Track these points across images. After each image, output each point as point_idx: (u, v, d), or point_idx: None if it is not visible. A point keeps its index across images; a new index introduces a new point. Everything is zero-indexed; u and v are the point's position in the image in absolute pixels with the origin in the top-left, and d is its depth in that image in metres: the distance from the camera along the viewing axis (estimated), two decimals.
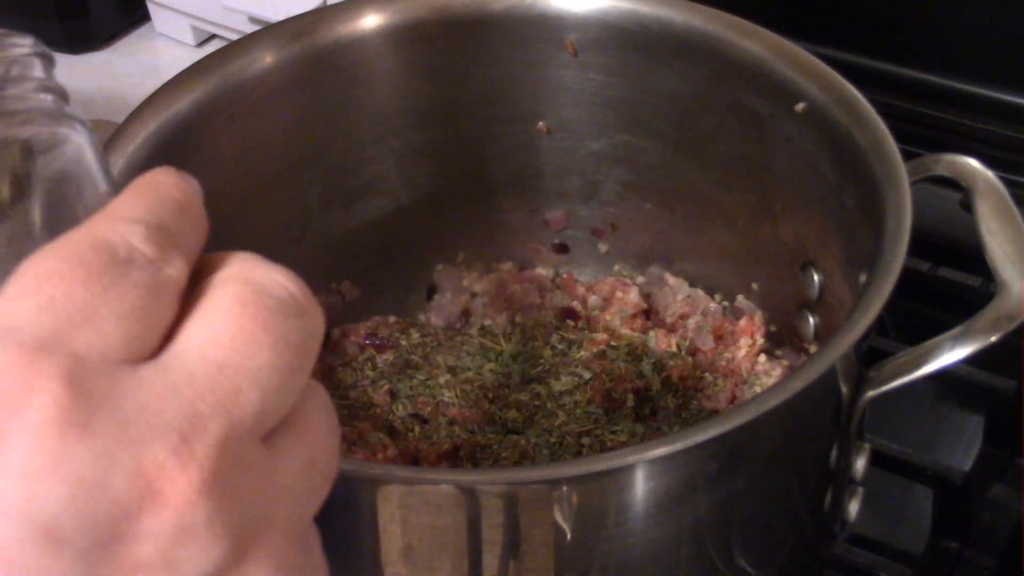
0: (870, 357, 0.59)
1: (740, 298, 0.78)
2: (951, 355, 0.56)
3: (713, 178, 0.76)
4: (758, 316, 0.76)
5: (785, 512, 0.60)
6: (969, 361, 0.56)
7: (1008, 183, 0.61)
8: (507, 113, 0.79)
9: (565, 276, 0.84)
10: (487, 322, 0.81)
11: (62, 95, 0.39)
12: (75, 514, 0.30)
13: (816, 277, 0.70)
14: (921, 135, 0.95)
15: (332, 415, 0.37)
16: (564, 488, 0.51)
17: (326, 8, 0.75)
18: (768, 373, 0.74)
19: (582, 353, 0.76)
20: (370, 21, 0.75)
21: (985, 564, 0.72)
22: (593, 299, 0.81)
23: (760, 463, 0.56)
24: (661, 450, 0.51)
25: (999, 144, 0.96)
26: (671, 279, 0.81)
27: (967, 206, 0.60)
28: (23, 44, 0.39)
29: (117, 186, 0.60)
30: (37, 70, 0.39)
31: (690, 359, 0.76)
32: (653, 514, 0.53)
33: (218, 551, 0.31)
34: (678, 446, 0.51)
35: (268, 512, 0.33)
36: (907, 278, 0.57)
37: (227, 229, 0.73)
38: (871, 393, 0.58)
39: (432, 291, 0.83)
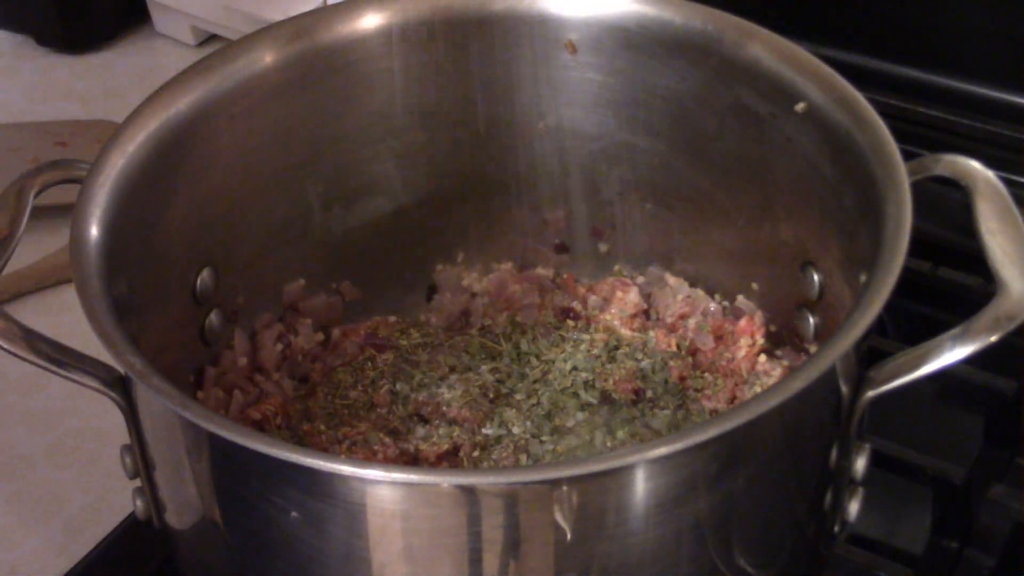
0: (870, 357, 0.59)
1: (740, 298, 0.78)
2: (951, 355, 0.56)
3: (713, 178, 0.76)
4: (758, 316, 0.76)
5: (785, 512, 0.60)
6: (969, 361, 0.56)
7: (1008, 183, 0.61)
8: (507, 113, 0.79)
9: (565, 276, 0.84)
10: (487, 322, 0.81)
11: None
12: None
13: (816, 277, 0.70)
14: (921, 135, 0.95)
15: None
16: (564, 488, 0.51)
17: (326, 8, 0.75)
18: (768, 373, 0.74)
19: (582, 353, 0.76)
20: (370, 21, 0.75)
21: (985, 564, 0.72)
22: (593, 299, 0.81)
23: (760, 463, 0.56)
24: (661, 450, 0.51)
25: (999, 144, 0.96)
26: (671, 279, 0.81)
27: (967, 206, 0.60)
28: None
29: (118, 186, 0.60)
30: None
31: (690, 359, 0.76)
32: (653, 514, 0.53)
33: None
34: (678, 446, 0.51)
35: None
36: (907, 278, 0.57)
37: (227, 229, 0.74)
38: (871, 393, 0.58)
39: (432, 291, 0.83)
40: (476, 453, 0.71)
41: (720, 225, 0.77)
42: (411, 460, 0.71)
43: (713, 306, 0.79)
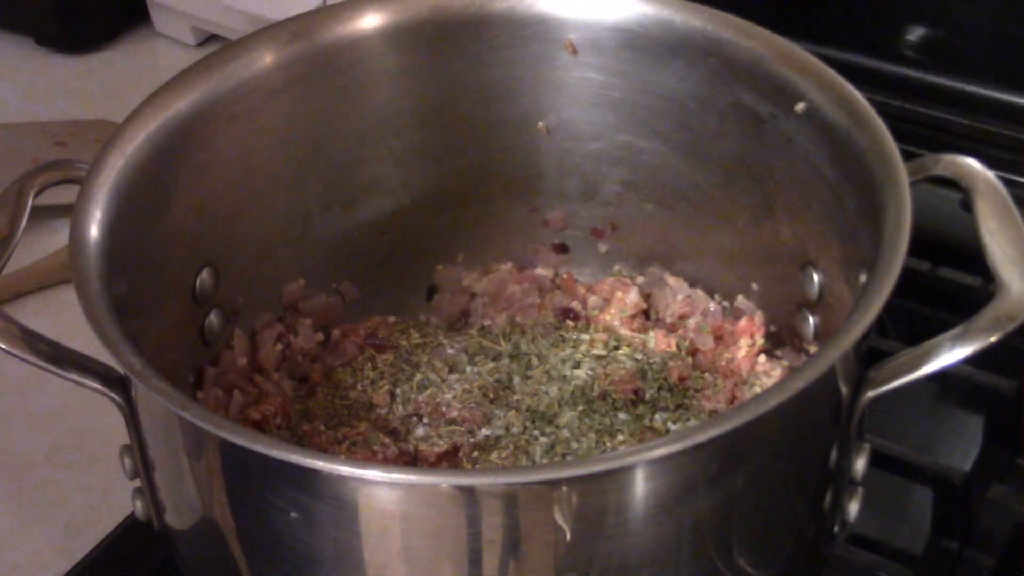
0: (870, 357, 0.59)
1: (740, 298, 0.78)
2: (951, 355, 0.56)
3: (713, 178, 0.76)
4: (758, 316, 0.76)
5: (785, 512, 0.60)
6: (969, 361, 0.56)
7: (1008, 183, 0.61)
8: (507, 113, 0.79)
9: (565, 276, 0.84)
10: (487, 322, 0.81)
11: None
12: None
13: (816, 277, 0.70)
14: (921, 135, 0.95)
15: None
16: (564, 488, 0.51)
17: (326, 8, 0.75)
18: (768, 373, 0.74)
19: (581, 353, 0.76)
20: (370, 21, 0.75)
21: (985, 564, 0.72)
22: (593, 299, 0.81)
23: (760, 463, 0.56)
24: (661, 450, 0.52)
25: (999, 144, 0.96)
26: (671, 279, 0.81)
27: (967, 206, 0.60)
28: None
29: (117, 186, 0.60)
30: None
31: (690, 359, 0.76)
32: (653, 514, 0.53)
33: None
34: (678, 446, 0.51)
35: None
36: (907, 278, 0.57)
37: (227, 230, 0.74)
38: (871, 393, 0.58)
39: (432, 291, 0.83)
40: (476, 453, 0.71)
41: (720, 225, 0.77)
42: (411, 460, 0.71)
43: (713, 306, 0.79)
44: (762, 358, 0.75)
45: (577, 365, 0.75)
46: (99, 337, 0.56)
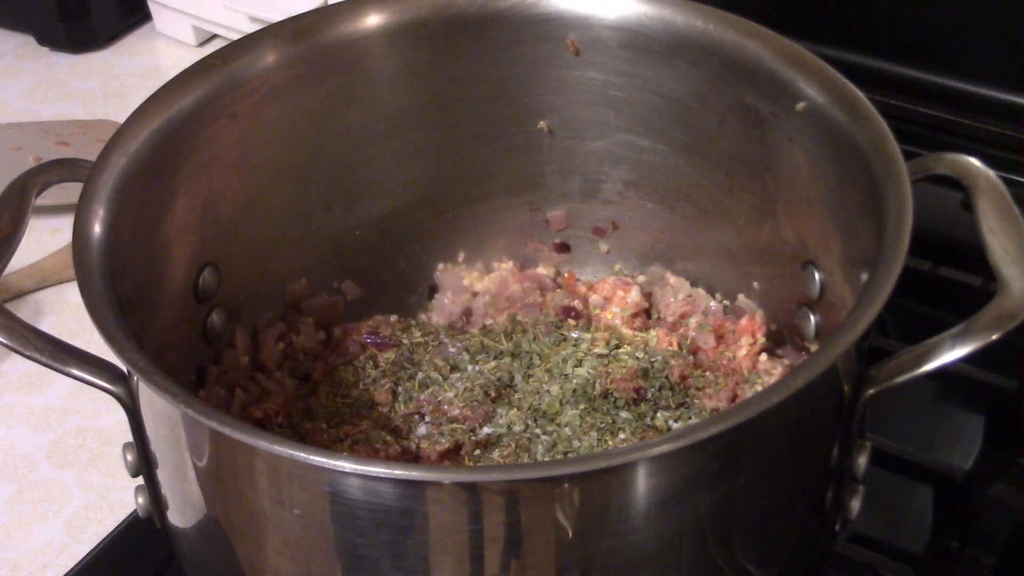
0: (871, 356, 0.59)
1: (741, 297, 0.78)
2: (952, 353, 0.56)
3: (714, 177, 0.76)
4: (759, 315, 0.76)
5: (786, 510, 0.60)
6: (970, 360, 0.56)
7: (1008, 183, 0.61)
8: (508, 112, 0.79)
9: (566, 275, 0.84)
10: (488, 321, 0.81)
11: None
12: None
13: (817, 276, 0.70)
14: (921, 135, 0.95)
15: None
16: (566, 486, 0.51)
17: (328, 7, 0.75)
18: (769, 372, 0.74)
19: (583, 352, 0.76)
20: (372, 20, 0.75)
21: (986, 563, 0.72)
22: (594, 298, 0.81)
23: (761, 461, 0.56)
24: (663, 448, 0.52)
25: (999, 144, 0.96)
26: (672, 278, 0.81)
27: (968, 205, 0.60)
28: None
29: (120, 185, 0.60)
30: None
31: (691, 358, 0.76)
32: (655, 512, 0.53)
33: None
34: (679, 444, 0.51)
35: None
36: (907, 277, 0.57)
37: (229, 228, 0.74)
38: (872, 391, 0.58)
39: (433, 290, 0.84)
40: (477, 452, 0.71)
41: (721, 224, 0.77)
42: (413, 458, 0.71)
43: (714, 305, 0.79)
44: (763, 356, 0.75)
45: (579, 364, 0.75)
46: (102, 334, 0.56)
